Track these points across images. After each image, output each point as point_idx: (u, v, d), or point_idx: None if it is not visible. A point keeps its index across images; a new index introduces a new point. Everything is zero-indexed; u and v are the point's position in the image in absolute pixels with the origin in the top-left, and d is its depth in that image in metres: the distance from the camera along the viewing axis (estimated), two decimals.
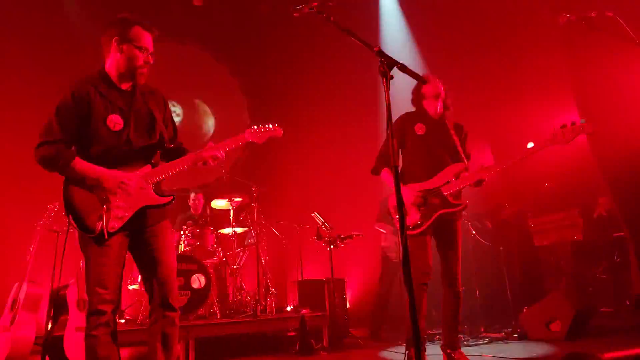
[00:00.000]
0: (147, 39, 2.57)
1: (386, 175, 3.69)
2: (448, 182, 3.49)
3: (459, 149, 3.62)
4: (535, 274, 6.09)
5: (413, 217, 3.50)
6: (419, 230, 3.47)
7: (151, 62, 2.59)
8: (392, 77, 2.12)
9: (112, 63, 2.57)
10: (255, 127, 2.82)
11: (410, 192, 3.52)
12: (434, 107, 3.65)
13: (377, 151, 3.85)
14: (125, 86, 2.61)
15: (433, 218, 3.46)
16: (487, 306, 5.58)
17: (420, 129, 3.63)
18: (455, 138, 3.64)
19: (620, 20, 2.55)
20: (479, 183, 3.41)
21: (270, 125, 2.85)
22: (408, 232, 3.45)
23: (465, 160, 3.57)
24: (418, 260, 3.39)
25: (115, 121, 2.49)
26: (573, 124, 3.13)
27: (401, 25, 7.99)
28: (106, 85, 2.55)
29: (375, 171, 3.79)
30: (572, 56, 4.42)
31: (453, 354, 3.47)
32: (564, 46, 4.48)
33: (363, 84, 7.80)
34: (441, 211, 3.46)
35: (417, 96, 3.74)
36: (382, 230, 6.07)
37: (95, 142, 2.46)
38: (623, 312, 5.31)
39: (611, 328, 4.86)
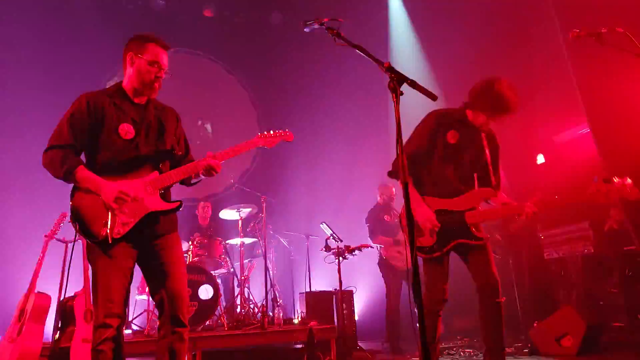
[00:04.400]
0: (160, 55, 2.62)
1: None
2: (473, 208, 3.12)
3: (490, 167, 3.23)
4: (546, 287, 6.01)
5: (427, 238, 3.12)
6: (432, 255, 3.12)
7: (163, 77, 2.64)
8: (402, 93, 2.11)
9: (127, 78, 2.65)
10: (266, 132, 2.89)
11: (428, 210, 3.11)
12: (482, 120, 3.16)
13: (388, 163, 3.37)
14: (139, 100, 2.67)
15: (449, 247, 3.11)
16: None
17: (453, 137, 3.17)
18: (488, 153, 3.23)
19: (631, 36, 2.53)
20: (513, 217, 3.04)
21: (281, 130, 2.93)
22: (421, 255, 3.14)
23: (494, 183, 3.23)
24: (433, 287, 3.12)
25: (126, 130, 2.54)
26: (617, 183, 2.80)
27: (410, 38, 8.01)
28: (121, 98, 2.62)
29: (395, 175, 3.27)
30: (582, 70, 4.40)
31: None
32: (574, 60, 4.46)
33: (373, 95, 7.82)
34: (459, 241, 3.10)
35: (478, 100, 3.12)
36: (379, 245, 6.02)
37: (106, 149, 2.50)
38: (635, 326, 5.22)
39: (624, 343, 4.79)
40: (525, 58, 5.98)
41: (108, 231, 2.38)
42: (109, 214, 2.41)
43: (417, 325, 1.86)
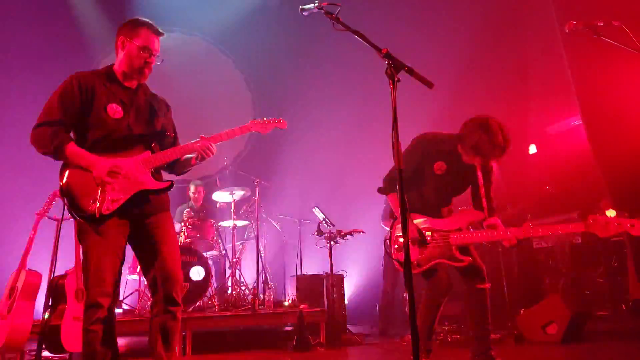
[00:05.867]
0: (151, 40, 2.60)
1: (394, 200, 3.26)
2: (459, 229, 3.10)
3: (482, 194, 3.17)
4: (533, 275, 6.10)
5: (413, 252, 3.12)
6: (416, 271, 3.12)
7: (153, 62, 2.63)
8: (399, 80, 2.11)
9: (118, 61, 2.64)
10: (260, 118, 2.88)
11: (414, 226, 3.15)
12: (471, 160, 3.12)
13: (381, 150, 3.45)
14: (129, 84, 2.66)
15: (429, 265, 3.12)
16: None
17: (439, 168, 3.18)
18: (481, 183, 3.18)
19: (627, 30, 2.54)
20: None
21: (275, 117, 2.92)
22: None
23: (486, 210, 3.17)
24: (435, 278, 3.16)
25: (115, 109, 2.53)
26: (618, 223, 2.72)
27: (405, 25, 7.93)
28: (111, 81, 2.61)
29: (384, 191, 3.35)
30: (576, 62, 4.42)
31: None
32: (569, 51, 4.47)
33: (369, 80, 7.77)
34: (440, 261, 3.11)
35: (465, 140, 3.08)
36: (387, 228, 5.99)
37: (95, 127, 2.49)
38: (619, 316, 5.33)
39: (607, 332, 4.89)
40: (521, 48, 5.98)
41: (97, 206, 2.36)
42: (99, 190, 2.40)
43: (407, 309, 1.90)
